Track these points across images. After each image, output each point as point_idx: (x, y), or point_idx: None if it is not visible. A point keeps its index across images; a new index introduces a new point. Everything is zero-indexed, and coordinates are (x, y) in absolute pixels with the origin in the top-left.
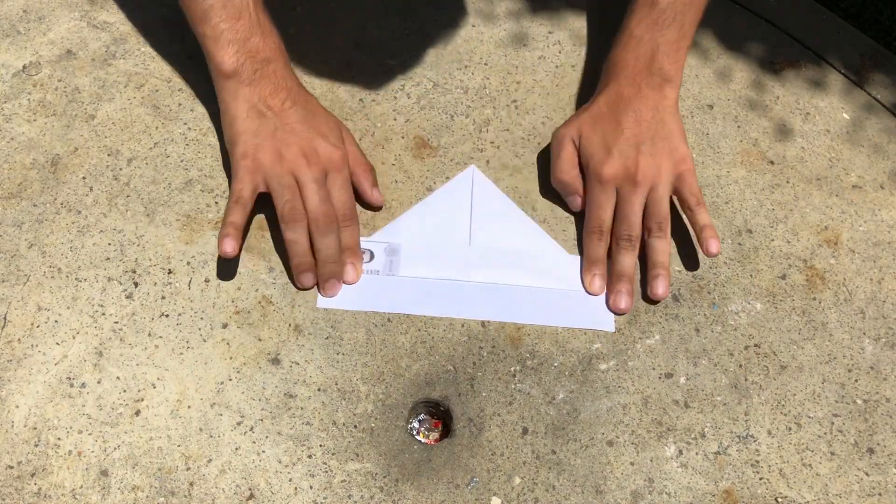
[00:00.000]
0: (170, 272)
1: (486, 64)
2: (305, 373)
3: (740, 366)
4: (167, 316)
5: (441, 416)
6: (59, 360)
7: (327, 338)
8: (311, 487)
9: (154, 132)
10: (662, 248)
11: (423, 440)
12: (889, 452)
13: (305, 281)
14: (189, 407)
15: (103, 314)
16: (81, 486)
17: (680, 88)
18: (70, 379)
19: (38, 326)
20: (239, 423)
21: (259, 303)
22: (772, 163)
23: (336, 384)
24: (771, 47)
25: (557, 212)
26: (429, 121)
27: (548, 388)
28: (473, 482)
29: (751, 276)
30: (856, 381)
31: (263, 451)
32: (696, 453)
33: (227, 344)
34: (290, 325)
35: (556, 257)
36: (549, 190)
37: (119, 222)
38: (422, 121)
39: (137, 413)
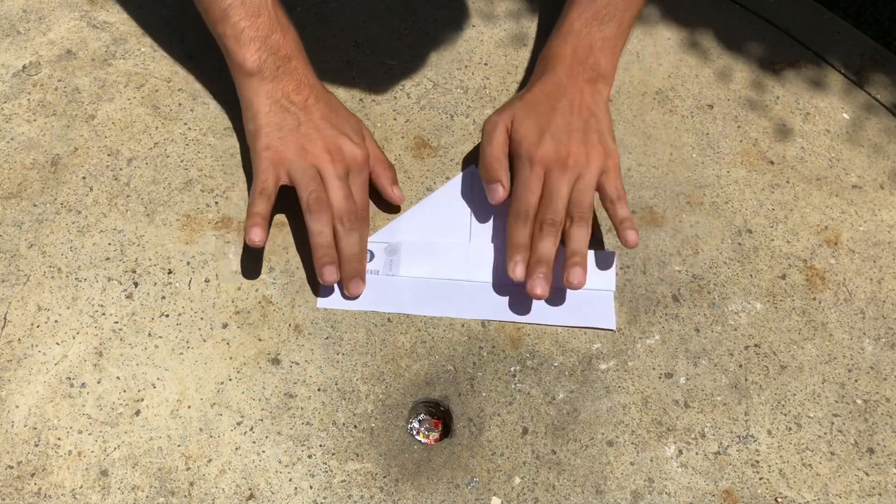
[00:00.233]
0: (170, 272)
1: (486, 64)
2: (305, 373)
3: (740, 366)
4: (167, 316)
5: (441, 416)
6: (59, 360)
7: (327, 338)
8: (311, 487)
9: (154, 132)
10: (582, 237)
11: (423, 440)
12: (889, 452)
13: (329, 275)
14: (189, 407)
15: (103, 314)
16: (81, 486)
17: (612, 87)
18: (70, 379)
19: (38, 326)
20: (239, 423)
21: (259, 303)
22: (772, 163)
23: (336, 384)
24: (771, 47)
25: None
26: (429, 121)
27: (548, 388)
28: (473, 482)
29: (751, 276)
30: (856, 381)
31: (263, 451)
32: (696, 453)
33: (227, 344)
34: (290, 325)
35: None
36: None
37: (119, 222)
38: (422, 121)
39: (137, 413)
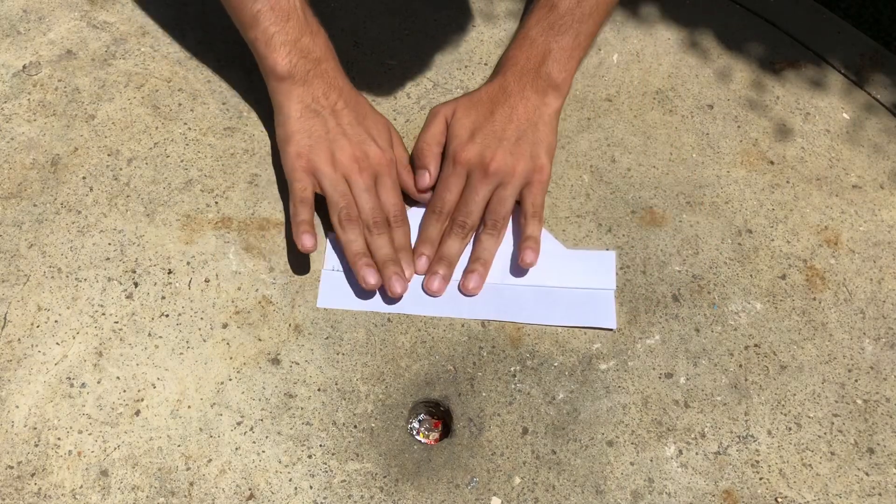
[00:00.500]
0: (170, 272)
1: (486, 64)
2: (305, 373)
3: (740, 366)
4: (167, 316)
5: (441, 416)
6: (59, 360)
7: (327, 338)
8: (311, 487)
9: (154, 132)
10: (489, 245)
11: (423, 440)
12: (889, 452)
13: (370, 277)
14: (189, 407)
15: (103, 314)
16: (81, 486)
17: (566, 98)
18: (70, 379)
19: (38, 326)
20: (239, 423)
21: (259, 303)
22: (772, 163)
23: (336, 384)
24: (771, 47)
25: (556, 211)
26: None
27: (548, 388)
28: (473, 482)
29: (751, 276)
30: (856, 381)
31: (263, 451)
32: (696, 453)
33: (227, 344)
34: (290, 325)
35: (555, 255)
36: (549, 189)
37: (119, 222)
38: (422, 121)
39: (137, 413)
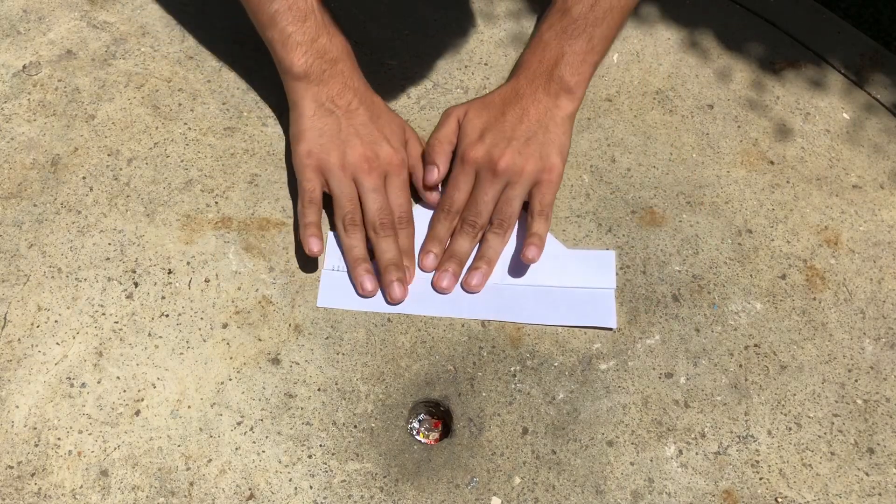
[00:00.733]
0: (170, 272)
1: (486, 64)
2: (305, 373)
3: (740, 366)
4: (167, 316)
5: (441, 416)
6: (59, 360)
7: (327, 338)
8: (311, 487)
9: (154, 132)
10: (495, 244)
11: (423, 440)
12: (889, 452)
13: (367, 284)
14: (189, 407)
15: (103, 314)
16: (81, 486)
17: (580, 102)
18: (70, 379)
19: (38, 326)
20: (239, 423)
21: (259, 303)
22: (772, 163)
23: (336, 384)
24: (771, 47)
25: (556, 211)
26: (429, 121)
27: (548, 388)
28: (473, 482)
29: (751, 276)
30: (856, 381)
31: (263, 451)
32: (696, 453)
33: (227, 344)
34: (290, 325)
35: (555, 255)
36: None
37: (119, 222)
38: (422, 121)
39: (137, 413)
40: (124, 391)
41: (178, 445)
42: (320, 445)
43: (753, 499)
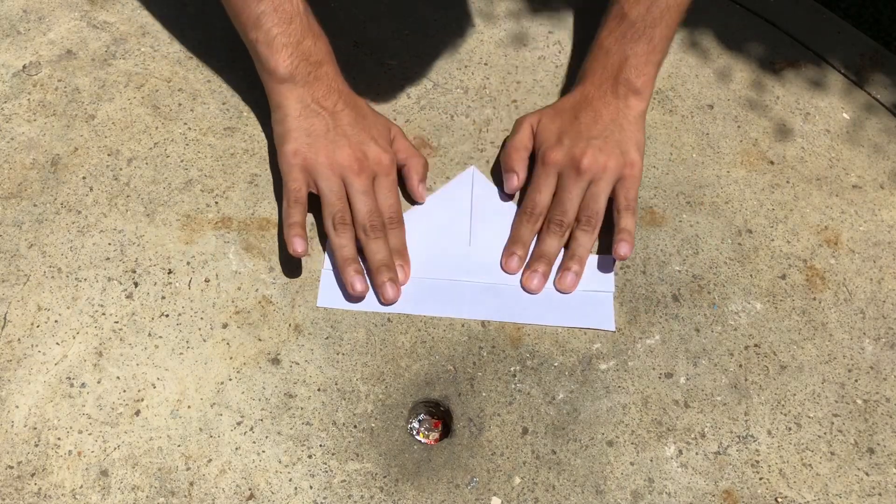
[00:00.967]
0: (170, 272)
1: (486, 64)
2: (305, 373)
3: (740, 366)
4: (167, 316)
5: (441, 416)
6: (59, 360)
7: (327, 338)
8: (311, 487)
9: (154, 132)
10: (584, 241)
11: (423, 440)
12: (889, 452)
13: (357, 284)
14: (189, 407)
15: (103, 314)
16: (81, 486)
17: (649, 100)
18: (70, 379)
19: (38, 326)
20: (239, 423)
21: (259, 303)
22: (772, 163)
23: (336, 384)
24: (771, 47)
25: None
26: (429, 121)
27: (548, 388)
28: (473, 482)
29: (751, 276)
30: (856, 381)
31: (263, 451)
32: (696, 453)
33: (227, 344)
34: (290, 325)
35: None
36: None
37: (119, 222)
38: (422, 121)
39: (137, 413)
40: (124, 391)
41: (178, 445)
42: (320, 445)
43: (753, 499)
